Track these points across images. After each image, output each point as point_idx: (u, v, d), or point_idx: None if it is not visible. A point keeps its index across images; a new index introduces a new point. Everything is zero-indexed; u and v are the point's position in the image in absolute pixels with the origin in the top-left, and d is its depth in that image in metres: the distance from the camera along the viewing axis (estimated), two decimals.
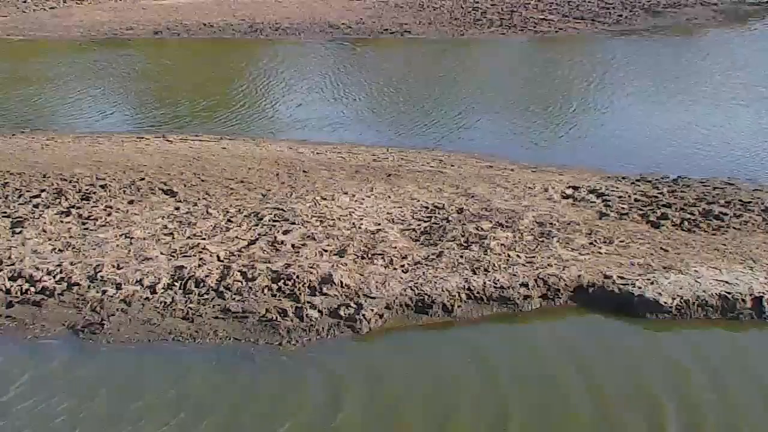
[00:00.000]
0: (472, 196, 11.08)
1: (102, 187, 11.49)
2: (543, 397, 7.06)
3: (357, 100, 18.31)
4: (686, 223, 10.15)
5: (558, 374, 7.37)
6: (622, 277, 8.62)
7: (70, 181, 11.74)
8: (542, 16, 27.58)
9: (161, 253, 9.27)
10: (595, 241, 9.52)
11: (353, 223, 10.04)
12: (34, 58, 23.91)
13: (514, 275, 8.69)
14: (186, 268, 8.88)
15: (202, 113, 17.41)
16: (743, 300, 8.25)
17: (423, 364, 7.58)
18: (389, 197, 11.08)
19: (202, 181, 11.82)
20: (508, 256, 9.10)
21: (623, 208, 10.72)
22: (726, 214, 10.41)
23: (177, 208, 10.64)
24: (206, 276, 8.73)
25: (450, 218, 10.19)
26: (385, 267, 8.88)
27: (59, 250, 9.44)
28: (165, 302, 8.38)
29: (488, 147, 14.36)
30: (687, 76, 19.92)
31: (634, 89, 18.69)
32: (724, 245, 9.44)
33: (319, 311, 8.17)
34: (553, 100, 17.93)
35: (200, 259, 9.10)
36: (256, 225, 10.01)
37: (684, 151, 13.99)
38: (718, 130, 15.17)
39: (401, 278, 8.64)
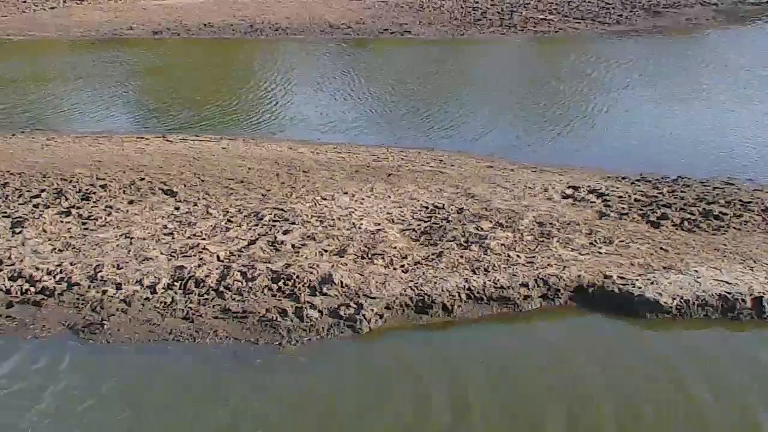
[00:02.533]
0: (472, 196, 11.08)
1: (102, 187, 11.49)
2: (548, 397, 7.08)
3: (357, 100, 18.31)
4: (686, 223, 10.15)
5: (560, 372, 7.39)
6: (622, 277, 8.62)
7: (70, 181, 11.74)
8: (542, 16, 27.60)
9: (161, 253, 9.27)
10: (595, 241, 9.52)
11: (353, 223, 10.04)
12: (34, 58, 23.91)
13: (514, 275, 8.69)
14: (186, 268, 8.88)
15: (202, 113, 17.41)
16: (743, 300, 8.25)
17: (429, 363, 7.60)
18: (389, 197, 11.08)
19: (202, 181, 11.83)
20: (508, 256, 9.10)
21: (623, 208, 10.73)
22: (726, 214, 10.41)
23: (177, 208, 10.64)
24: (206, 276, 8.73)
25: (450, 218, 10.19)
26: (385, 267, 8.88)
27: (59, 250, 9.44)
28: (165, 302, 8.38)
29: (488, 147, 14.37)
30: (687, 76, 19.92)
31: (634, 89, 18.70)
32: (724, 245, 9.44)
33: (319, 311, 8.17)
34: (553, 100, 17.94)
35: (200, 259, 9.10)
36: (256, 225, 10.01)
37: (684, 151, 14.00)
38: (719, 130, 15.18)
39: (401, 278, 8.64)
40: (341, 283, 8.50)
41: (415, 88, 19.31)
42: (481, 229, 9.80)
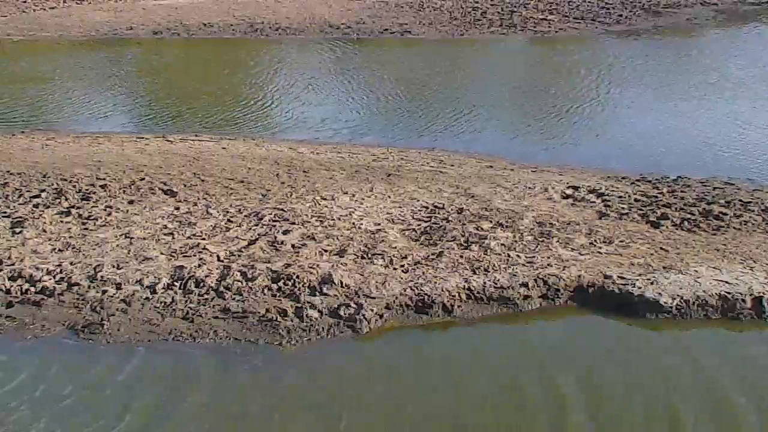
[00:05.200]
0: (472, 196, 11.08)
1: (102, 187, 11.49)
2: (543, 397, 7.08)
3: (357, 100, 18.32)
4: (686, 223, 10.15)
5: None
6: (622, 277, 8.62)
7: (70, 181, 11.74)
8: (542, 16, 27.59)
9: (161, 253, 9.27)
10: (595, 241, 9.52)
11: (353, 223, 10.04)
12: (34, 58, 23.91)
13: (514, 275, 8.69)
14: (186, 268, 8.88)
15: (202, 113, 17.41)
16: (743, 300, 8.25)
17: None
18: (389, 197, 11.08)
19: (202, 181, 11.82)
20: (508, 256, 9.10)
21: (623, 208, 10.72)
22: (726, 214, 10.41)
23: (177, 208, 10.64)
24: (206, 276, 8.73)
25: (450, 218, 10.19)
26: (385, 267, 8.88)
27: (59, 250, 9.44)
28: (165, 302, 8.38)
29: (488, 147, 14.37)
30: (687, 76, 19.92)
31: (634, 89, 18.70)
32: (724, 245, 9.44)
33: (319, 311, 8.17)
34: (553, 101, 17.93)
35: (200, 259, 9.10)
36: (256, 225, 10.01)
37: (684, 151, 13.99)
38: (718, 130, 15.18)
39: (401, 278, 8.64)
40: (341, 283, 8.51)
41: (415, 88, 19.30)
42: (481, 229, 9.80)
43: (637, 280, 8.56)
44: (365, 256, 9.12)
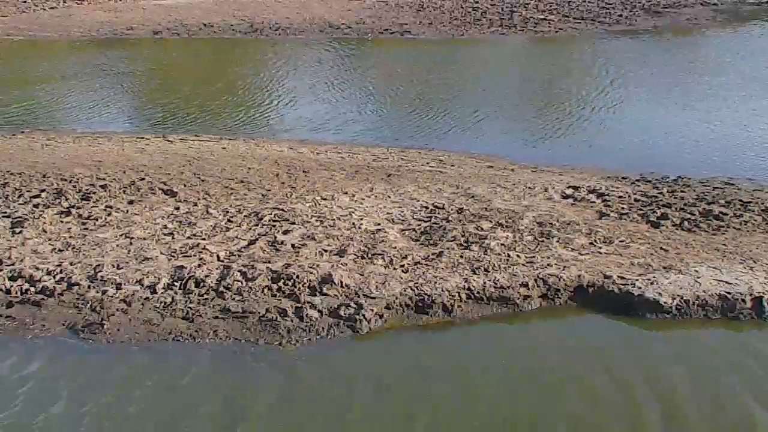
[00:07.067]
0: (472, 196, 11.08)
1: (102, 187, 11.49)
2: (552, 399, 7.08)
3: (357, 100, 18.32)
4: (686, 223, 10.15)
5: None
6: (622, 277, 8.62)
7: (70, 181, 11.74)
8: (542, 16, 27.60)
9: (161, 253, 9.27)
10: (595, 241, 9.52)
11: (353, 223, 10.04)
12: (34, 58, 23.91)
13: (514, 275, 8.69)
14: (186, 268, 8.87)
15: (202, 113, 17.41)
16: (743, 300, 8.25)
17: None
18: (389, 197, 11.08)
19: (202, 181, 11.82)
20: (508, 256, 9.10)
21: (623, 208, 10.73)
22: (726, 214, 10.41)
23: (177, 208, 10.64)
24: (206, 276, 8.73)
25: (450, 218, 10.19)
26: (385, 267, 8.88)
27: (59, 250, 9.44)
28: (165, 302, 8.37)
29: (488, 147, 14.37)
30: (687, 76, 19.93)
31: (634, 89, 18.70)
32: (724, 245, 9.44)
33: (319, 311, 8.17)
34: (553, 100, 17.94)
35: (200, 259, 9.10)
36: (256, 225, 10.01)
37: (684, 151, 14.01)
38: (719, 130, 15.18)
39: (401, 278, 8.64)
40: (341, 283, 8.51)
41: (414, 88, 19.30)
42: (481, 229, 9.80)
43: (637, 280, 8.56)
44: (365, 256, 9.12)
